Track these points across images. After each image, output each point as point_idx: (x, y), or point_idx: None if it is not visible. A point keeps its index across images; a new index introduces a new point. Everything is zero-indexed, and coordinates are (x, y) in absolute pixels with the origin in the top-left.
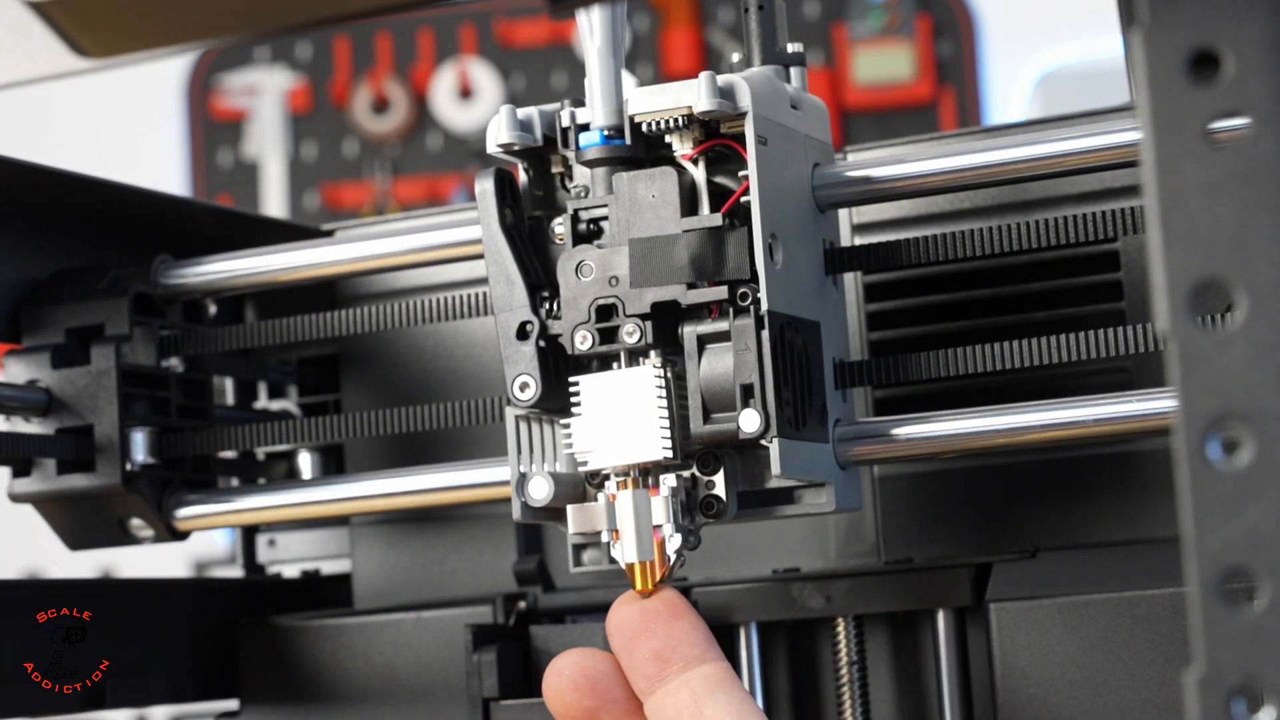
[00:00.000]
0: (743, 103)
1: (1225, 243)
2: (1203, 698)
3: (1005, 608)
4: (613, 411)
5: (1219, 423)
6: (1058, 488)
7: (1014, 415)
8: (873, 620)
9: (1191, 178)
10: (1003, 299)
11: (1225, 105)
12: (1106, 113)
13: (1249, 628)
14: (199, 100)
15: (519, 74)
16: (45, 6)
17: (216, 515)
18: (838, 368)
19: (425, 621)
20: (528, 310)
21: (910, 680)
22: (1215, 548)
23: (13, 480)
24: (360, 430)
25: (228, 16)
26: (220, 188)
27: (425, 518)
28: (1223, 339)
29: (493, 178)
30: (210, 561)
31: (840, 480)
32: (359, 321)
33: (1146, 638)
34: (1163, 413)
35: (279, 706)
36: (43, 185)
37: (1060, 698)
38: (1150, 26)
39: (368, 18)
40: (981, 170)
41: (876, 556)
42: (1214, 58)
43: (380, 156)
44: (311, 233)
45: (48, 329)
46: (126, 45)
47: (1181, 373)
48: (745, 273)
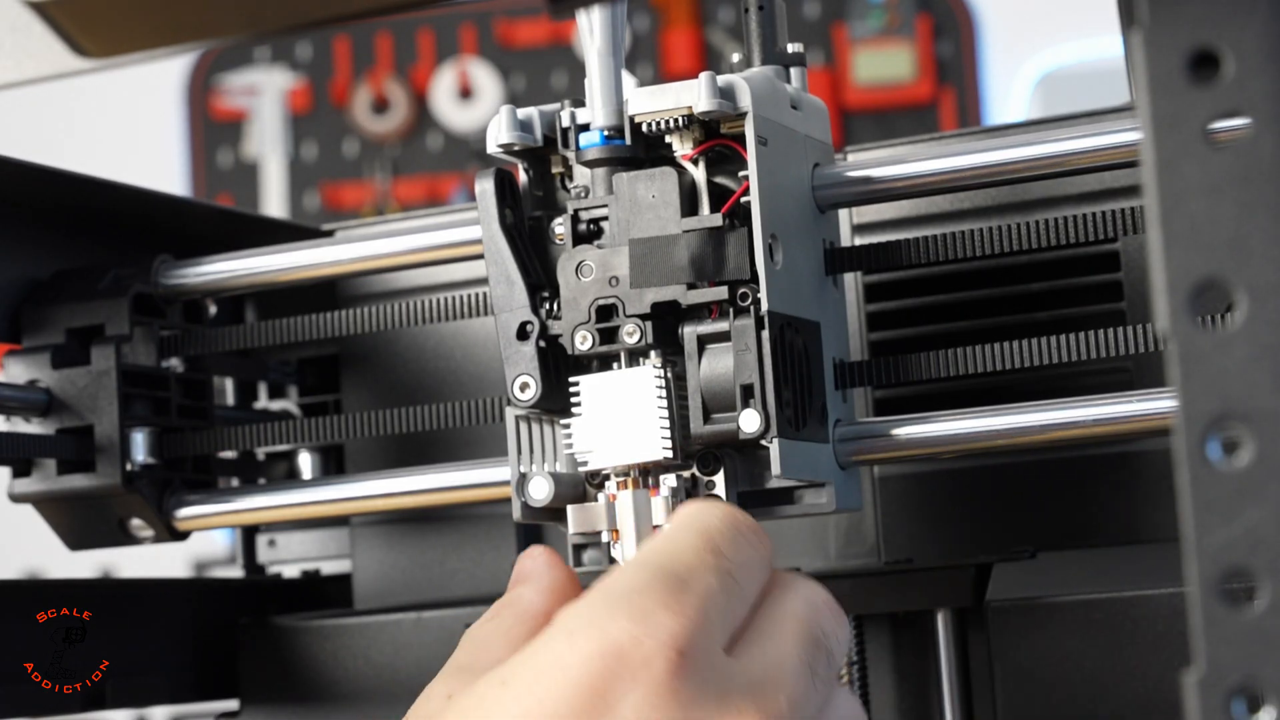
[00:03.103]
0: (743, 103)
1: (1225, 243)
2: (1203, 698)
3: (1005, 608)
4: (613, 412)
5: (1219, 423)
6: (1058, 488)
7: (1014, 415)
8: (873, 620)
9: (1191, 178)
10: (1003, 299)
11: (1225, 105)
12: (1106, 113)
13: (1249, 628)
14: (199, 100)
15: (519, 74)
16: (45, 6)
17: (216, 515)
18: (838, 368)
19: (425, 621)
20: (528, 310)
21: (910, 680)
22: (1215, 548)
23: (13, 480)
24: (360, 430)
25: (228, 16)
26: (220, 188)
27: (425, 518)
28: (1223, 339)
29: (493, 178)
30: (210, 561)
31: (840, 480)
32: (359, 321)
33: (1146, 638)
34: (1163, 413)
35: (279, 706)
36: (43, 185)
37: (1060, 698)
38: (1150, 26)
39: (368, 18)
40: (982, 170)
41: (876, 556)
42: (1214, 58)
43: (380, 156)
44: (311, 233)
45: (48, 329)
46: (126, 45)
47: (1181, 373)
48: (745, 273)
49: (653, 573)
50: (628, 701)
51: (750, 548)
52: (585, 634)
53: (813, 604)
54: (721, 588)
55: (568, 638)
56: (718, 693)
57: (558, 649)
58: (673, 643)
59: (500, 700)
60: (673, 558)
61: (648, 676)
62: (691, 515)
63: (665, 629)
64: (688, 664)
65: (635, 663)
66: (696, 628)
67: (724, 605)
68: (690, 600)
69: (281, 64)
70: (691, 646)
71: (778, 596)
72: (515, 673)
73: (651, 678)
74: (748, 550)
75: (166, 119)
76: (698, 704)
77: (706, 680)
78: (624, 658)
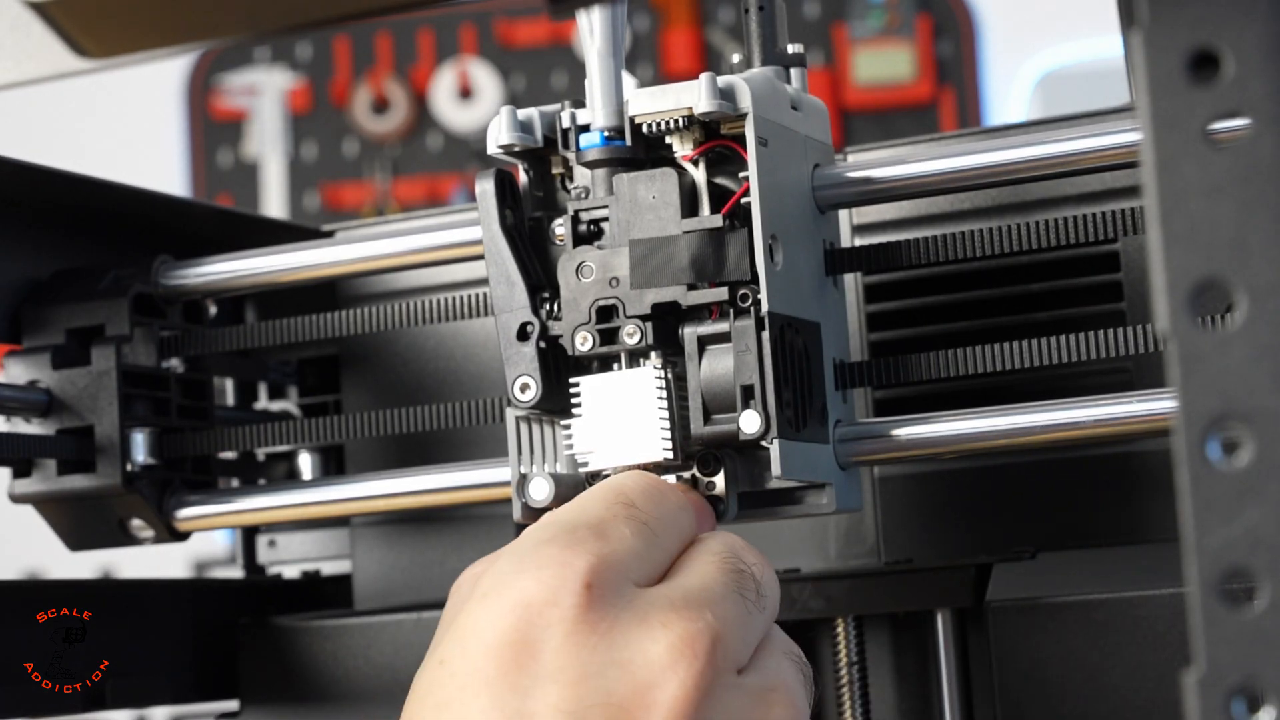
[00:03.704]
0: (743, 104)
1: (1225, 243)
2: (1203, 698)
3: (1005, 608)
4: (613, 412)
5: (1219, 423)
6: (1058, 488)
7: (1014, 416)
8: (873, 621)
9: (1191, 178)
10: (1003, 300)
11: (1225, 105)
12: (1106, 113)
13: (1249, 628)
14: (199, 100)
15: (519, 74)
16: (45, 6)
17: (217, 516)
18: (838, 368)
19: (425, 621)
20: (528, 311)
21: (910, 681)
22: (1215, 548)
23: (13, 481)
24: (360, 431)
25: (228, 16)
26: (220, 188)
27: (425, 518)
28: (1223, 339)
29: (493, 179)
30: (210, 562)
31: (840, 481)
32: (359, 322)
33: (1146, 638)
34: (1163, 413)
35: (279, 706)
36: (43, 185)
37: (1060, 698)
38: (1150, 26)
39: (368, 18)
40: (982, 171)
41: (876, 557)
42: (1214, 58)
43: (380, 156)
44: (312, 233)
45: (48, 329)
46: (126, 45)
47: (1181, 373)
48: (745, 274)
49: (558, 526)
50: (548, 645)
51: (669, 505)
52: (497, 593)
53: (730, 544)
54: (635, 534)
55: (482, 601)
56: (637, 617)
57: (475, 614)
58: (577, 578)
59: (439, 679)
60: (580, 511)
61: (559, 615)
62: (607, 481)
63: (570, 568)
64: (596, 594)
65: (545, 605)
66: (601, 562)
67: (637, 549)
68: (595, 543)
69: (281, 64)
70: (598, 579)
71: (696, 545)
72: (447, 648)
73: (563, 615)
74: (666, 505)
75: (166, 119)
76: (617, 629)
77: (621, 607)
78: (533, 605)
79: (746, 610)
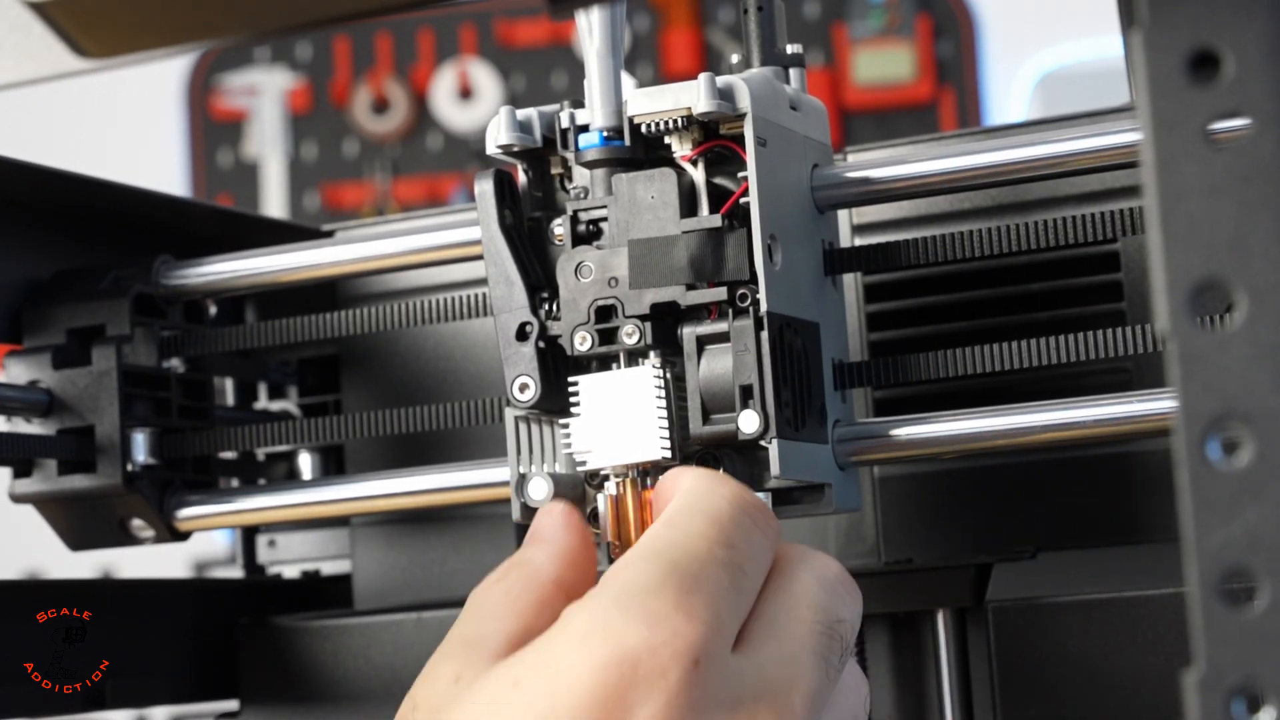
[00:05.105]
0: (742, 104)
1: (1225, 243)
2: (1203, 698)
3: (1005, 608)
4: (612, 412)
5: (1219, 423)
6: (1058, 488)
7: (1014, 416)
8: (873, 620)
9: (1191, 178)
10: (1003, 300)
11: (1225, 105)
12: (1106, 113)
13: (1249, 628)
14: (199, 100)
15: (519, 74)
16: (45, 6)
17: (217, 516)
18: (837, 368)
19: (425, 622)
20: (527, 311)
21: (910, 680)
22: (1215, 548)
23: (13, 481)
24: (360, 431)
25: (228, 16)
26: (220, 188)
27: (425, 518)
28: (1223, 339)
29: (492, 179)
30: (210, 561)
31: (840, 481)
32: (359, 322)
33: (1146, 638)
34: (1163, 413)
35: (279, 706)
36: (43, 185)
37: (1060, 698)
38: (1150, 26)
39: (368, 18)
40: (982, 171)
41: (876, 556)
42: (1214, 58)
43: (380, 156)
44: (312, 233)
45: (49, 330)
46: (126, 45)
47: (1181, 373)
48: (744, 274)
49: (665, 571)
50: (643, 711)
51: (759, 533)
52: (600, 639)
53: (825, 582)
54: (732, 583)
55: (582, 641)
56: (731, 698)
57: (571, 653)
58: (689, 651)
59: (510, 702)
60: (684, 551)
61: (664, 686)
62: (699, 497)
63: (681, 637)
64: (702, 672)
65: (651, 672)
66: (711, 631)
67: (734, 602)
68: (703, 601)
69: (281, 64)
70: (706, 654)
71: (787, 578)
72: (527, 675)
73: (667, 688)
74: (757, 537)
75: (166, 119)
76: (711, 712)
77: (720, 687)
78: (639, 666)
79: (829, 679)
